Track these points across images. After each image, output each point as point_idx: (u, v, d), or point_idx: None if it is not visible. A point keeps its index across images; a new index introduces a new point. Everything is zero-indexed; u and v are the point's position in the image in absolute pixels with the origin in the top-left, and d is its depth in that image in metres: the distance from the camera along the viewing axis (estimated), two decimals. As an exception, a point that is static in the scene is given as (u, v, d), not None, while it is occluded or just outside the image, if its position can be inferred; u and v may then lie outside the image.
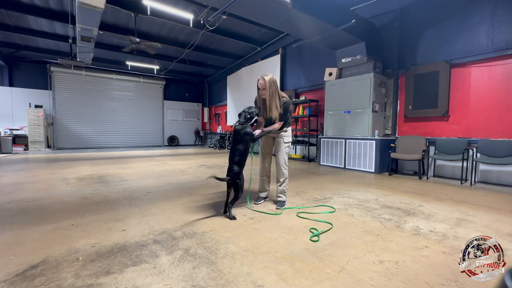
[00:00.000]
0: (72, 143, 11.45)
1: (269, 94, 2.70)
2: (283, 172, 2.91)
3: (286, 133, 2.93)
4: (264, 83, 2.69)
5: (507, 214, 2.71)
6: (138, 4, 6.32)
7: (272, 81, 2.71)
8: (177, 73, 12.96)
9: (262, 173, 3.13)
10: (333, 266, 1.61)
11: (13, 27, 7.61)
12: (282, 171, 2.91)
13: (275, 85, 2.74)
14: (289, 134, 2.96)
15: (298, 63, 8.06)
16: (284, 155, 2.92)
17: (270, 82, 2.70)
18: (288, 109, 2.85)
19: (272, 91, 2.70)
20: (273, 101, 2.71)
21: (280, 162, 2.92)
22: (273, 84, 2.72)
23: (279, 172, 2.94)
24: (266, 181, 3.12)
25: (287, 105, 2.81)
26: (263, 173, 3.13)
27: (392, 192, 3.63)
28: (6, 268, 1.56)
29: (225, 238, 2.02)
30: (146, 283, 1.42)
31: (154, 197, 3.26)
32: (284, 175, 2.91)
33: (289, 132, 2.96)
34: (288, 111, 2.85)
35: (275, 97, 2.72)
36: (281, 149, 2.91)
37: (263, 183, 3.12)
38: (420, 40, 5.26)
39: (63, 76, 11.18)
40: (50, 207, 2.80)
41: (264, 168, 3.13)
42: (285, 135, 2.92)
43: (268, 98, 2.72)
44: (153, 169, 5.54)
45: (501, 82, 4.28)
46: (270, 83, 2.70)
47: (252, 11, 4.50)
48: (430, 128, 5.16)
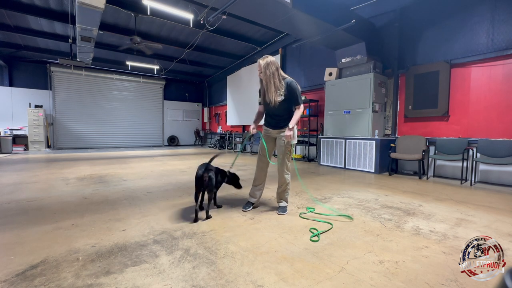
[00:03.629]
0: (72, 143, 11.46)
1: (266, 75, 2.47)
2: (284, 178, 2.66)
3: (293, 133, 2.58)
4: (260, 65, 2.48)
5: (507, 214, 2.71)
6: (138, 4, 6.32)
7: (269, 62, 2.47)
8: (177, 73, 12.96)
9: (254, 180, 2.81)
10: (333, 266, 1.61)
11: (13, 27, 7.61)
12: (282, 177, 2.67)
13: (274, 66, 2.48)
14: (294, 135, 2.59)
15: (298, 63, 8.06)
16: (285, 159, 2.64)
17: (267, 63, 2.47)
18: (296, 89, 2.50)
19: (270, 72, 2.46)
20: (271, 82, 2.47)
21: (280, 167, 2.67)
22: (271, 65, 2.47)
23: (279, 178, 2.71)
24: (257, 189, 2.82)
25: (294, 84, 2.50)
26: (255, 181, 2.81)
27: (392, 192, 3.63)
28: (6, 268, 1.56)
29: (225, 238, 2.02)
30: (146, 283, 1.42)
31: (154, 197, 3.26)
32: (285, 181, 2.66)
33: (295, 132, 2.61)
34: (297, 90, 2.50)
35: (273, 78, 2.47)
36: (282, 152, 2.63)
37: (254, 190, 2.82)
38: (420, 40, 5.26)
39: (63, 76, 11.18)
40: (50, 207, 2.80)
41: (259, 175, 2.79)
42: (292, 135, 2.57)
43: (265, 80, 2.49)
44: (153, 169, 5.54)
45: (501, 82, 4.28)
46: (267, 64, 2.47)
47: (252, 11, 4.50)
48: (430, 128, 5.16)
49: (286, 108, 2.57)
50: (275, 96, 2.48)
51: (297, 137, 3.09)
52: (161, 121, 13.92)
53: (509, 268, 0.45)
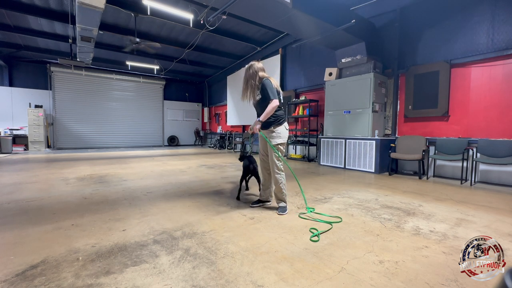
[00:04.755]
0: (72, 143, 11.46)
1: (246, 77, 2.68)
2: (276, 178, 2.65)
3: (273, 133, 2.64)
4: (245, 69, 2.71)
5: (507, 214, 2.71)
6: (138, 4, 6.32)
7: (250, 65, 2.67)
8: (177, 73, 12.96)
9: (262, 180, 2.92)
10: (333, 266, 1.61)
11: (13, 27, 7.61)
12: (274, 177, 2.67)
13: (253, 69, 2.64)
14: (277, 134, 2.64)
15: (298, 63, 8.06)
16: (274, 158, 2.64)
17: (249, 66, 2.67)
18: (265, 84, 2.57)
19: (248, 74, 2.65)
20: (249, 83, 2.66)
21: (271, 167, 2.71)
22: (250, 68, 2.66)
23: (272, 177, 2.75)
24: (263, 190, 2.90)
25: (264, 81, 2.60)
26: (262, 180, 2.91)
27: (392, 192, 3.63)
28: (6, 268, 1.56)
29: (225, 238, 2.02)
30: (146, 283, 1.42)
31: (154, 197, 3.26)
32: (277, 180, 2.64)
33: (278, 131, 2.64)
34: (266, 86, 2.56)
35: (251, 79, 2.64)
36: (270, 152, 2.68)
37: (261, 191, 2.93)
38: (420, 40, 5.26)
39: (63, 76, 11.18)
40: (50, 207, 2.80)
41: (263, 176, 2.89)
42: (273, 135, 2.64)
43: (244, 81, 2.70)
44: (153, 169, 5.54)
45: (501, 82, 4.28)
46: (248, 67, 2.67)
47: (252, 11, 4.50)
48: (430, 128, 5.16)
49: (265, 106, 2.61)
50: (251, 96, 2.66)
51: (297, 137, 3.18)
52: (161, 121, 13.92)
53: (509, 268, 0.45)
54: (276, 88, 2.62)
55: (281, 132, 2.66)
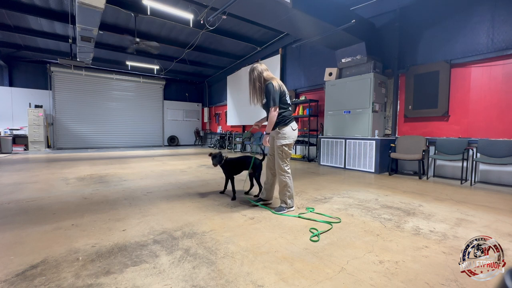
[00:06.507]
0: (72, 143, 11.45)
1: (250, 80, 2.70)
2: (279, 179, 2.67)
3: (280, 134, 2.63)
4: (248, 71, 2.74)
5: (507, 214, 2.71)
6: (138, 4, 6.32)
7: (253, 68, 2.67)
8: (177, 73, 12.96)
9: (265, 179, 2.92)
10: (333, 266, 1.61)
11: (13, 27, 7.61)
12: (279, 178, 2.68)
13: (258, 70, 2.65)
14: (283, 135, 2.62)
15: (298, 63, 8.06)
16: (278, 160, 2.64)
17: (252, 68, 2.68)
18: (268, 90, 2.57)
19: (253, 77, 2.66)
20: (252, 86, 2.68)
21: (276, 168, 2.71)
22: (255, 70, 2.66)
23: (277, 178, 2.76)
24: (265, 188, 2.92)
25: (267, 86, 2.59)
26: (266, 179, 2.91)
27: (392, 192, 3.63)
28: (6, 268, 1.56)
29: (225, 238, 2.02)
30: (146, 283, 1.42)
31: (154, 197, 3.26)
32: (282, 182, 2.65)
33: (283, 132, 2.62)
34: (269, 91, 2.56)
35: (256, 82, 2.65)
36: (276, 153, 2.68)
37: (263, 189, 2.95)
38: (420, 40, 5.26)
39: (63, 76, 11.18)
40: (50, 207, 2.80)
41: (266, 174, 2.90)
42: (278, 136, 2.64)
43: (249, 84, 2.72)
44: (153, 169, 5.54)
45: (501, 82, 4.28)
46: (252, 70, 2.68)
47: (252, 11, 4.50)
48: (430, 128, 5.16)
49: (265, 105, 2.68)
50: (259, 99, 2.68)
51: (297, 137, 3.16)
52: (161, 121, 13.92)
53: (509, 268, 0.45)
54: (280, 90, 2.61)
55: (287, 132, 2.63)
